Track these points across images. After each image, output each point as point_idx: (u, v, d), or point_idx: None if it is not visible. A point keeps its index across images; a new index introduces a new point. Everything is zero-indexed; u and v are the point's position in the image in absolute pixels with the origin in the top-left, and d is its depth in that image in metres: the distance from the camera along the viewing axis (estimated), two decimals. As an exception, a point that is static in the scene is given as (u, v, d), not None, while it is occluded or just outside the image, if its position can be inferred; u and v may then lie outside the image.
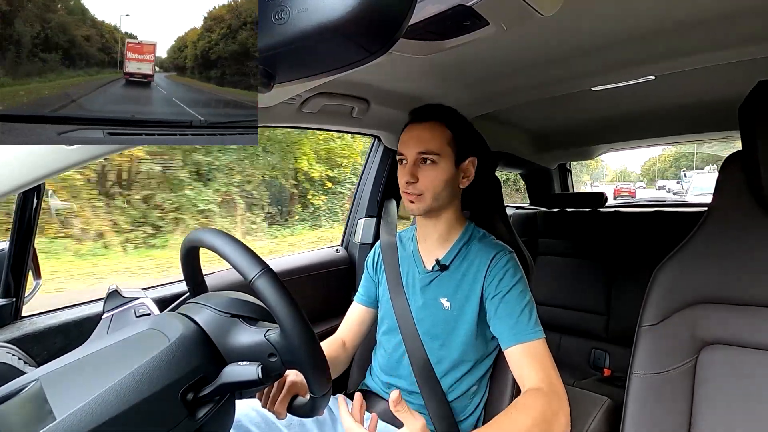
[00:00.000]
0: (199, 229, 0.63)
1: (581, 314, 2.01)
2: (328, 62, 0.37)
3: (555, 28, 0.84)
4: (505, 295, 0.89)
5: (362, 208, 1.59)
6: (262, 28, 0.33)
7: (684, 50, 0.95)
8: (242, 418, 0.89)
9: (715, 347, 0.75)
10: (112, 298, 0.82)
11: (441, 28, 0.76)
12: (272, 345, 0.58)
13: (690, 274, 0.80)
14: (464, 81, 1.16)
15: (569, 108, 1.75)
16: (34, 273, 0.99)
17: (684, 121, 1.86)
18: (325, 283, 1.51)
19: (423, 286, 1.00)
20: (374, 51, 0.34)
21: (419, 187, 0.93)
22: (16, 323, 0.92)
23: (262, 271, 0.55)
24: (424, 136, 0.93)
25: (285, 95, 0.89)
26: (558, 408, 0.77)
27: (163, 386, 0.50)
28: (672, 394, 0.77)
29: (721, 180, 0.82)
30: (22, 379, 0.51)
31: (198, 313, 0.62)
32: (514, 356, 0.86)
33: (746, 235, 0.77)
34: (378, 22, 0.32)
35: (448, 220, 1.00)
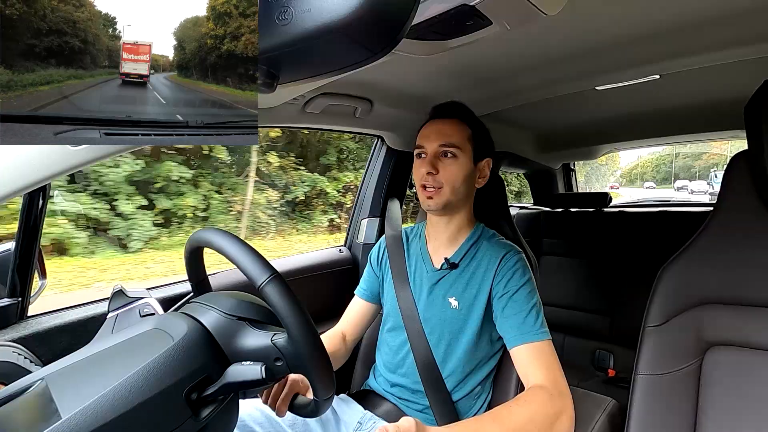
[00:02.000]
0: (204, 229, 0.63)
1: (585, 314, 2.00)
2: (331, 62, 0.37)
3: (559, 27, 0.84)
4: (513, 294, 0.89)
5: (365, 208, 1.59)
6: (265, 29, 0.33)
7: (689, 49, 0.95)
8: (246, 417, 0.89)
9: (720, 348, 0.75)
10: (116, 298, 0.83)
11: (444, 28, 0.76)
12: (278, 350, 0.58)
13: (695, 275, 0.79)
14: (468, 81, 1.16)
15: (573, 108, 1.74)
16: (39, 273, 1.00)
17: (689, 121, 1.85)
18: (329, 284, 1.51)
19: (431, 284, 1.00)
20: (378, 51, 0.34)
21: (439, 180, 0.94)
22: (22, 323, 0.93)
23: (271, 277, 0.55)
24: (446, 130, 0.95)
25: (288, 95, 0.89)
26: (561, 408, 0.77)
27: (168, 386, 0.50)
28: (677, 396, 0.77)
29: (726, 180, 0.81)
30: (27, 378, 0.52)
31: (203, 315, 0.62)
32: (519, 356, 0.85)
33: (752, 236, 0.76)
34: (381, 23, 0.32)
35: (461, 220, 1.00)
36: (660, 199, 2.84)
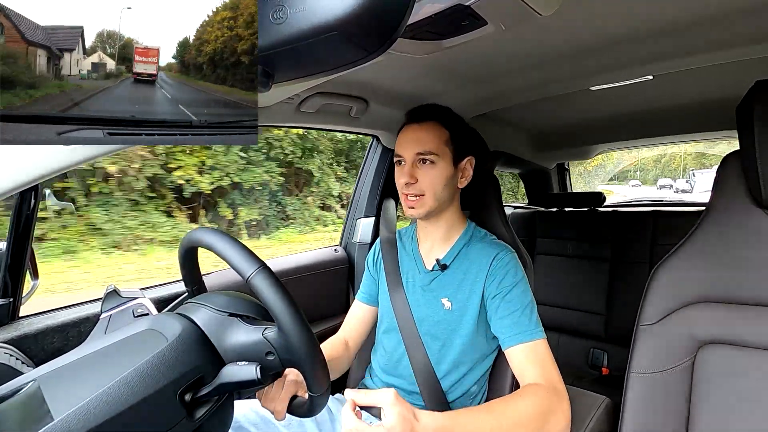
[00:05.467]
0: (197, 229, 0.63)
1: (580, 314, 2.02)
2: (326, 62, 0.37)
3: (553, 27, 0.84)
4: (507, 294, 0.89)
5: (361, 207, 1.59)
6: (260, 28, 0.33)
7: (681, 50, 0.96)
8: (241, 418, 0.89)
9: (713, 346, 0.76)
10: (110, 298, 0.82)
11: (439, 28, 0.76)
12: (270, 343, 0.58)
13: (688, 274, 0.80)
14: (463, 81, 1.16)
15: (568, 108, 1.75)
16: (31, 273, 0.99)
17: (682, 121, 1.86)
18: (324, 283, 1.51)
19: (424, 285, 1.00)
20: (373, 51, 0.34)
21: (419, 188, 0.93)
22: (13, 323, 0.92)
23: (259, 269, 0.55)
24: (422, 136, 0.93)
25: (283, 95, 0.89)
26: (557, 406, 0.77)
27: (161, 386, 0.50)
28: (670, 393, 0.78)
29: (719, 179, 0.82)
30: (19, 379, 0.51)
31: (196, 313, 0.62)
32: (514, 356, 0.86)
33: (744, 235, 0.77)
34: (376, 22, 0.32)
35: (448, 221, 1.00)
36: (653, 199, 2.86)
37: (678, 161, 30.63)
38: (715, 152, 15.83)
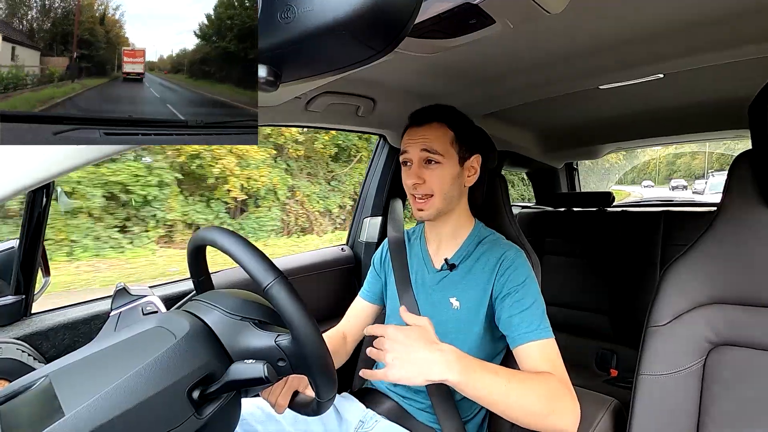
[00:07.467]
0: (209, 228, 0.63)
1: (588, 314, 2.00)
2: (334, 61, 0.37)
3: (562, 26, 0.83)
4: (515, 293, 0.89)
5: (368, 207, 1.59)
6: (267, 27, 0.33)
7: (692, 48, 0.94)
8: (247, 416, 0.89)
9: (724, 348, 0.75)
10: (120, 296, 0.83)
11: (447, 27, 0.76)
12: (282, 351, 0.59)
13: (700, 275, 0.79)
14: (471, 80, 1.16)
15: (576, 107, 1.73)
16: (43, 270, 1.00)
17: (692, 120, 1.84)
18: (331, 283, 1.52)
19: (432, 285, 1.00)
20: (380, 50, 0.34)
21: (427, 188, 0.93)
22: (26, 320, 0.93)
23: (277, 279, 0.55)
24: (427, 137, 0.93)
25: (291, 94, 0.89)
26: (565, 398, 0.76)
27: (170, 383, 0.51)
28: (680, 396, 0.77)
29: (730, 179, 0.81)
30: (31, 375, 0.52)
31: (207, 314, 0.62)
32: (523, 355, 0.85)
33: (756, 235, 0.76)
34: (384, 21, 0.32)
35: (457, 220, 1.00)
36: (663, 199, 2.82)
37: (700, 159, 29.44)
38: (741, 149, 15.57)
